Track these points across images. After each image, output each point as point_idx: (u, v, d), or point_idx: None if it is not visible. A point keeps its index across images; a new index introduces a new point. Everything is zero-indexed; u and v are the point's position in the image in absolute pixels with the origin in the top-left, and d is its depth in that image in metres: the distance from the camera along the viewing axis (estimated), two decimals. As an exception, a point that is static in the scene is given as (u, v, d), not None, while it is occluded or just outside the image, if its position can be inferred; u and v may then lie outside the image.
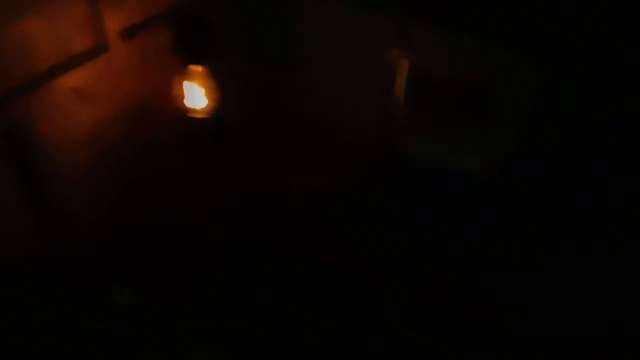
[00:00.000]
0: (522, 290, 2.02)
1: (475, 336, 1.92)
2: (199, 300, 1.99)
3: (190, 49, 2.04)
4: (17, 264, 1.94)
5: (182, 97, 2.16)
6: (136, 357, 1.84)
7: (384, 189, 2.35)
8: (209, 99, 2.17)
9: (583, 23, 1.82)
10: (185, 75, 2.10)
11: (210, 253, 2.12)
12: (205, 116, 2.21)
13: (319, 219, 2.25)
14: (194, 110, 2.19)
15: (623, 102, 1.88)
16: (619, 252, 2.04)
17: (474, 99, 2.14)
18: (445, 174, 2.26)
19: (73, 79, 1.87)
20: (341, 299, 2.03)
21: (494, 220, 2.17)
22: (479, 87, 2.11)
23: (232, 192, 2.29)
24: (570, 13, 1.81)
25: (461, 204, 2.23)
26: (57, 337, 1.83)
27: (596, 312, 1.95)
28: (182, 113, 2.19)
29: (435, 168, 2.28)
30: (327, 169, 2.41)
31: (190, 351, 1.88)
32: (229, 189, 2.30)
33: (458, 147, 2.26)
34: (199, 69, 2.10)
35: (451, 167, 2.26)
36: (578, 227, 2.09)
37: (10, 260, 1.93)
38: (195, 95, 2.16)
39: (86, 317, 1.88)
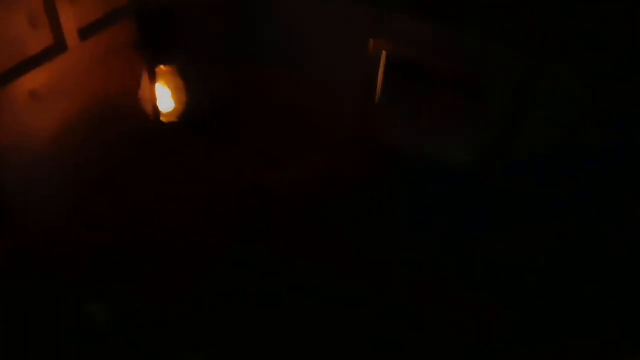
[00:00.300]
0: (522, 290, 2.02)
1: (475, 336, 1.92)
2: (199, 300, 1.99)
3: (155, 46, 1.93)
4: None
5: (148, 98, 2.06)
6: (136, 357, 1.84)
7: (383, 189, 2.35)
8: (176, 100, 2.08)
9: (583, 22, 1.81)
10: (150, 75, 2.00)
11: (209, 253, 2.13)
12: (173, 118, 2.12)
13: (318, 219, 2.25)
14: (160, 112, 2.10)
15: (623, 101, 1.88)
16: (619, 252, 2.05)
17: (473, 94, 2.13)
18: (445, 173, 2.26)
19: (30, 81, 1.75)
20: (341, 299, 2.03)
21: (494, 220, 2.17)
22: (477, 81, 2.09)
23: (221, 192, 2.29)
24: (569, 12, 1.81)
25: (461, 204, 2.23)
26: (56, 337, 1.83)
27: (596, 312, 1.95)
28: (148, 114, 2.10)
29: (434, 168, 2.27)
30: (321, 165, 2.40)
31: (191, 353, 1.88)
32: (216, 189, 2.30)
33: (456, 146, 2.26)
34: (164, 68, 2.00)
35: (450, 167, 2.25)
36: (578, 227, 2.09)
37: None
38: (162, 96, 2.07)
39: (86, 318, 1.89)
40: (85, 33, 1.89)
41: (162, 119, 2.10)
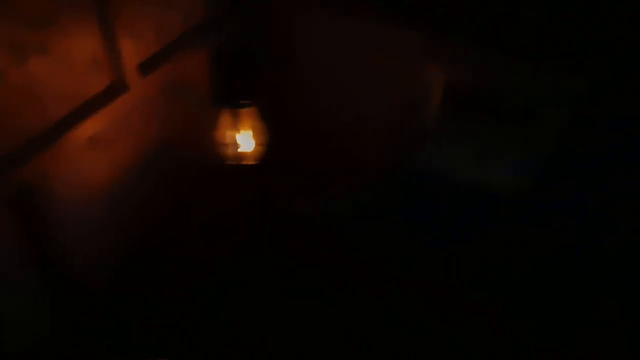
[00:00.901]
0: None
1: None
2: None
3: (231, 87, 1.83)
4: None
5: (213, 140, 1.96)
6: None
7: (391, 195, 2.34)
8: (244, 142, 1.97)
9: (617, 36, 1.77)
10: (217, 115, 1.90)
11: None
12: (240, 161, 2.01)
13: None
14: (228, 154, 1.99)
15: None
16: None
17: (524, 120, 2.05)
18: (447, 178, 2.24)
19: (89, 126, 1.61)
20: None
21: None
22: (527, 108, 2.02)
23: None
24: (604, 27, 1.76)
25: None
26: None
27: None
28: (212, 158, 1.99)
29: (436, 174, 2.25)
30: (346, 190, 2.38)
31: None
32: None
33: (469, 157, 2.23)
34: (233, 109, 1.89)
35: (458, 176, 2.23)
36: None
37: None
38: (231, 138, 1.96)
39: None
40: (145, 69, 1.76)
41: (235, 159, 2.00)
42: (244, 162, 2.01)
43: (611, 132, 1.90)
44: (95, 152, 1.70)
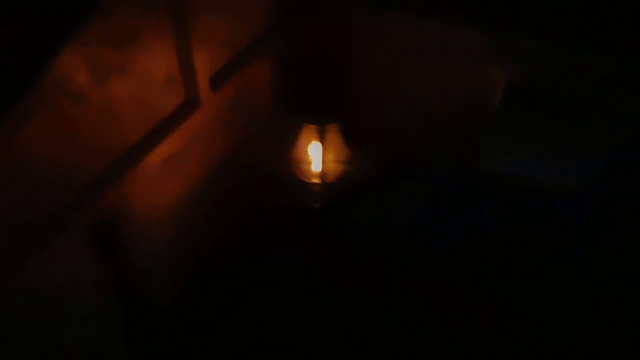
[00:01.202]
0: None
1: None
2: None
3: (311, 103, 1.73)
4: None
5: (292, 159, 1.87)
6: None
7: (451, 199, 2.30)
8: (324, 164, 1.87)
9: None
10: (289, 129, 1.83)
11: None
12: (318, 184, 1.92)
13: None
14: (305, 177, 1.91)
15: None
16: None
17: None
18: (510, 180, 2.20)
19: (164, 146, 1.60)
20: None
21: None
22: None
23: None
24: None
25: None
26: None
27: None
28: (292, 179, 1.94)
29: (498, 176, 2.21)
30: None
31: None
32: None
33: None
34: (313, 125, 1.78)
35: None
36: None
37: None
38: (309, 158, 1.87)
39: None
40: (216, 83, 1.72)
41: (307, 176, 1.93)
42: (315, 179, 1.93)
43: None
44: (168, 171, 1.68)
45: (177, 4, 1.48)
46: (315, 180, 1.96)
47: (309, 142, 1.85)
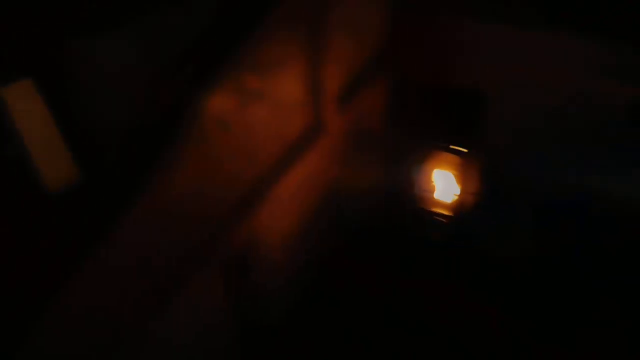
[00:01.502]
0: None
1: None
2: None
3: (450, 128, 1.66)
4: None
5: (408, 182, 1.79)
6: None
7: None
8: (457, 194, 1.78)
9: None
10: (413, 155, 1.75)
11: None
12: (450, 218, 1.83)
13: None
14: (423, 199, 1.82)
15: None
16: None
17: None
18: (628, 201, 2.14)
19: (292, 174, 1.57)
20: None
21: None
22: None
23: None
24: None
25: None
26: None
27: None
28: (418, 209, 1.87)
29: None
30: None
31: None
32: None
33: None
34: (451, 155, 1.71)
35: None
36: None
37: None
38: (429, 182, 1.78)
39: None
40: (341, 105, 1.71)
41: (431, 205, 1.86)
42: (440, 210, 1.83)
43: None
44: (291, 196, 1.67)
45: (314, 29, 1.49)
46: (444, 212, 1.88)
47: (440, 169, 1.81)
